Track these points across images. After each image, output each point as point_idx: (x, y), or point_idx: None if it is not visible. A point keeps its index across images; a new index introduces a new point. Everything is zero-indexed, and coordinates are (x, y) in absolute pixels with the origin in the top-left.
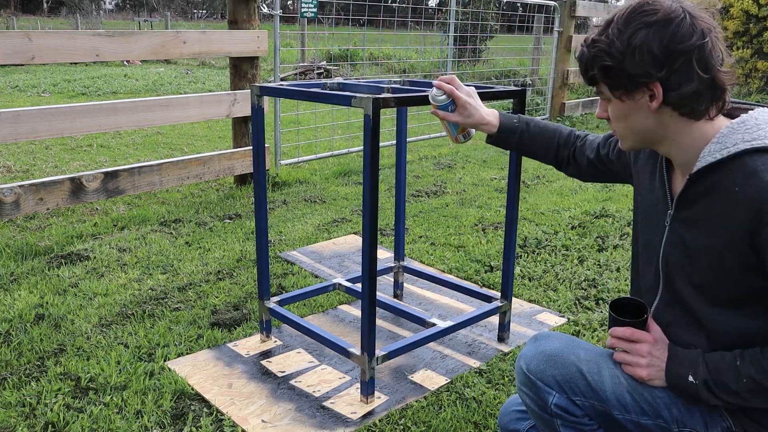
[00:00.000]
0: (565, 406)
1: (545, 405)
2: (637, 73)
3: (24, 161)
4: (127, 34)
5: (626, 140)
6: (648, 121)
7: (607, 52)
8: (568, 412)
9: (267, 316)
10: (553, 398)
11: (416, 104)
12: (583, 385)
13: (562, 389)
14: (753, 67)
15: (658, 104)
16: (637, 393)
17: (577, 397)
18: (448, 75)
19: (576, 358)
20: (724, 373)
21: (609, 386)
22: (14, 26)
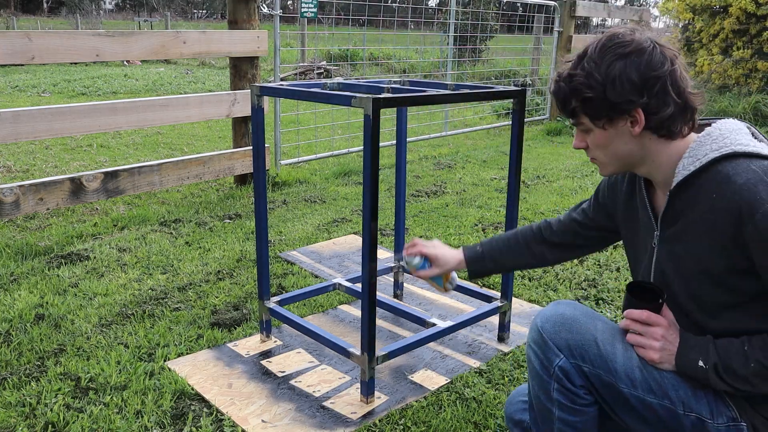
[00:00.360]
0: (568, 371)
1: (549, 365)
2: (619, 101)
3: (24, 161)
4: (127, 34)
5: (608, 166)
6: (629, 145)
7: (586, 84)
8: (569, 378)
9: (267, 316)
10: (560, 360)
11: (416, 104)
12: (594, 353)
13: (572, 354)
14: (753, 67)
15: (641, 129)
16: (646, 370)
17: (586, 365)
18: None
19: (593, 327)
20: (733, 358)
21: (620, 359)
22: (14, 26)
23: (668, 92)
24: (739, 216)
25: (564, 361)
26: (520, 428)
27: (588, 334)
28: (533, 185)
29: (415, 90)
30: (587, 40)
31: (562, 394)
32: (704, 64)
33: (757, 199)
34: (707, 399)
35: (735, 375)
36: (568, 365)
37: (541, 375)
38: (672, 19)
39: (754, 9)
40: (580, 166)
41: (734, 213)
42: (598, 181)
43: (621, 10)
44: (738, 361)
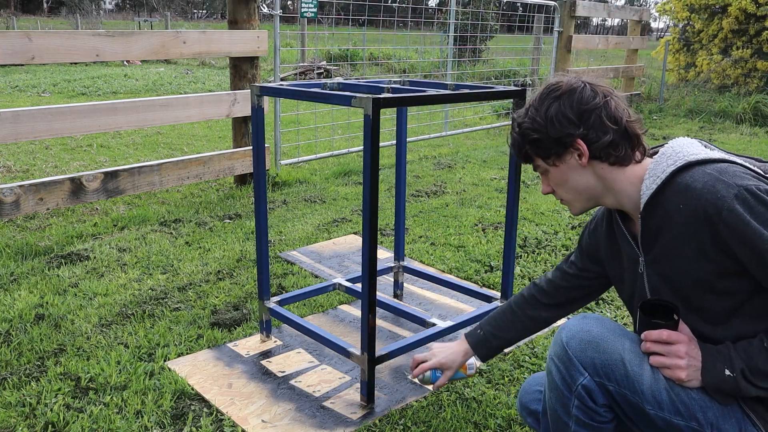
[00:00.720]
0: (592, 390)
1: (572, 383)
2: (560, 135)
3: (24, 161)
4: (127, 34)
5: (575, 204)
6: (584, 178)
7: (532, 128)
8: (592, 398)
9: (267, 316)
10: (584, 379)
11: (416, 104)
12: (621, 373)
13: (597, 373)
14: (753, 66)
15: (587, 159)
16: (674, 392)
17: (611, 384)
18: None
19: (621, 347)
20: (757, 358)
21: (647, 380)
22: (14, 26)
23: (603, 121)
24: (708, 219)
25: (588, 380)
26: (534, 418)
27: (616, 354)
28: (533, 185)
29: (415, 90)
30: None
31: (581, 411)
32: (703, 64)
33: (718, 198)
34: (735, 419)
35: (764, 375)
36: (592, 384)
37: (561, 390)
38: (671, 19)
39: (754, 9)
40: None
41: (702, 217)
42: None
43: (621, 10)
44: (762, 359)
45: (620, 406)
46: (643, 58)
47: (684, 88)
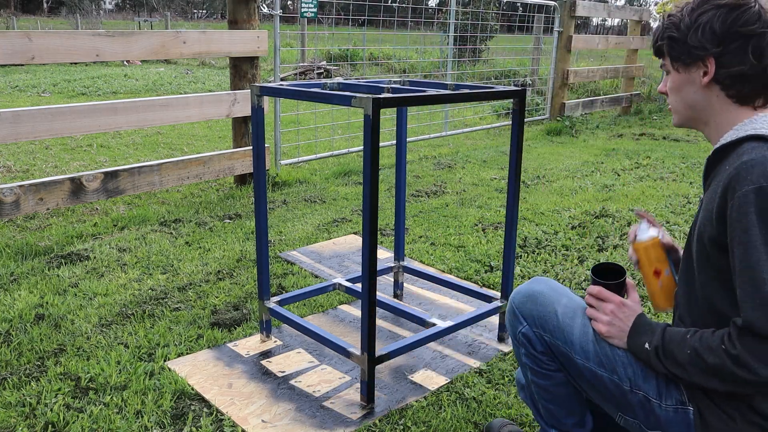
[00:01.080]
0: (530, 338)
1: (515, 332)
2: (696, 46)
3: (24, 161)
4: (127, 34)
5: (677, 114)
6: (697, 95)
7: (676, 25)
8: (531, 344)
9: (267, 316)
10: (523, 328)
11: (416, 104)
12: (553, 324)
13: (535, 324)
14: None
15: (709, 80)
16: (599, 345)
17: (546, 334)
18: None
19: (556, 302)
20: (674, 344)
21: (577, 332)
22: (14, 26)
23: (747, 51)
24: (727, 190)
25: (527, 329)
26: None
27: (550, 307)
28: (533, 185)
29: (415, 90)
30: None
31: (528, 359)
32: None
33: (745, 179)
34: (657, 381)
35: (673, 360)
36: (530, 332)
37: (513, 340)
38: None
39: None
40: (580, 166)
41: (726, 186)
42: (597, 181)
43: (621, 10)
44: (677, 347)
45: (556, 357)
46: (643, 58)
47: None
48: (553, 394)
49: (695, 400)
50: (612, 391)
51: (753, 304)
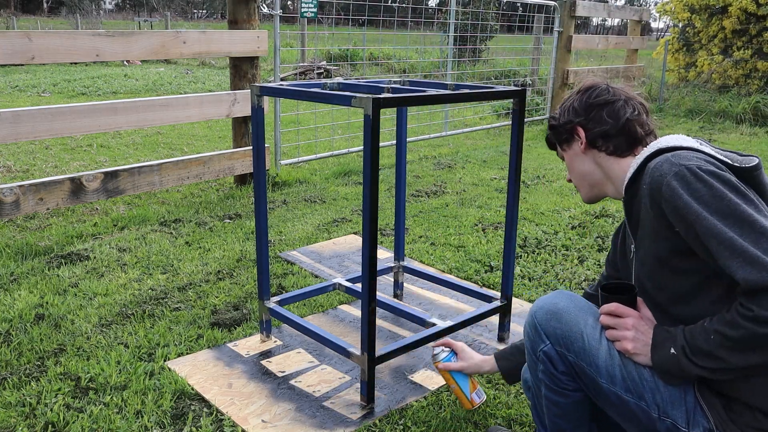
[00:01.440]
0: (552, 357)
1: (536, 350)
2: (565, 122)
3: (24, 161)
4: (127, 34)
5: (581, 190)
6: (585, 164)
7: (553, 117)
8: (552, 363)
9: (267, 316)
10: (545, 346)
11: (416, 104)
12: (579, 345)
13: (558, 343)
14: (753, 67)
15: (585, 144)
16: (626, 370)
17: (571, 354)
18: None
19: (583, 323)
20: (697, 337)
21: (603, 355)
22: (14, 26)
23: (602, 116)
24: (653, 195)
25: (549, 348)
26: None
27: (576, 327)
28: (533, 185)
29: (415, 90)
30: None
31: (546, 376)
32: (704, 64)
33: (661, 175)
34: (686, 407)
35: (701, 352)
36: (552, 352)
37: (531, 355)
38: (672, 19)
39: (755, 9)
40: None
41: (650, 194)
42: None
43: (621, 10)
44: (701, 337)
45: (579, 377)
46: (643, 59)
47: (684, 88)
48: (565, 411)
49: (722, 427)
50: (639, 417)
51: (739, 266)
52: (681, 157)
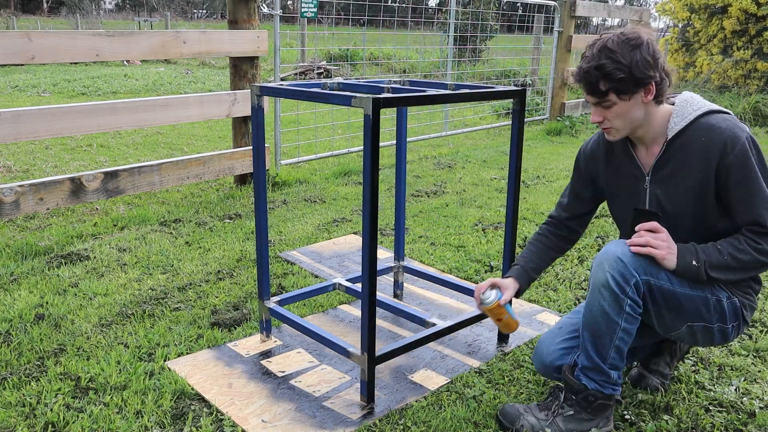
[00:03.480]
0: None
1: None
2: (642, 77)
3: (24, 161)
4: (127, 34)
5: (621, 131)
6: (640, 111)
7: (617, 68)
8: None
9: (267, 316)
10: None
11: (416, 104)
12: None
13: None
14: (753, 67)
15: (651, 97)
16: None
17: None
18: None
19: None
20: (713, 257)
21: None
22: (14, 26)
23: (665, 69)
24: (724, 149)
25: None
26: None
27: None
28: (533, 185)
29: (415, 90)
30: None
31: (632, 307)
32: (704, 64)
33: (737, 136)
34: (717, 286)
35: (715, 267)
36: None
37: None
38: (672, 20)
39: (755, 9)
40: None
41: (720, 147)
42: None
43: (621, 10)
44: (716, 258)
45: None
46: None
47: (684, 88)
48: (632, 335)
49: (734, 293)
50: (697, 304)
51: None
52: (740, 125)
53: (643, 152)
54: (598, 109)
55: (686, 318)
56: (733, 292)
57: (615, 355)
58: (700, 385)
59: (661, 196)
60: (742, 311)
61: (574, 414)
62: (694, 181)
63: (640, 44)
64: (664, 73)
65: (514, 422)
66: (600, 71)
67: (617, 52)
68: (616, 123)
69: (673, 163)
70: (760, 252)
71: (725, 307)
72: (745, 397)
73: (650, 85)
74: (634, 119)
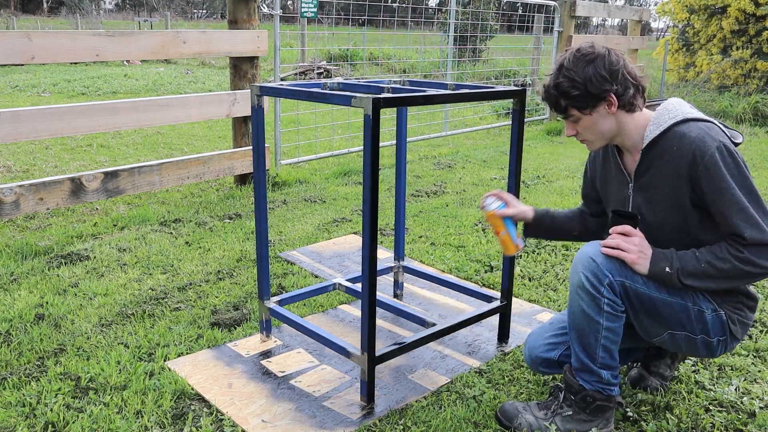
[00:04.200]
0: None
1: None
2: (598, 92)
3: (24, 161)
4: (127, 34)
5: (595, 143)
6: (608, 123)
7: (572, 86)
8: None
9: (267, 316)
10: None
11: (416, 104)
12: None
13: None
14: (752, 67)
15: (616, 108)
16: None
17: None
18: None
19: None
20: (689, 263)
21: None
22: (14, 26)
23: (627, 78)
24: (694, 158)
25: (611, 279)
26: (546, 365)
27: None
28: (533, 185)
29: (415, 90)
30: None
31: (610, 306)
32: (703, 64)
33: (706, 146)
34: (701, 297)
35: (691, 275)
36: (614, 282)
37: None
38: (671, 20)
39: (753, 9)
40: (580, 166)
41: (690, 157)
42: None
43: (621, 10)
44: (692, 265)
45: (630, 298)
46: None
47: (684, 88)
48: (617, 334)
49: (721, 306)
50: (677, 312)
51: (747, 226)
52: (715, 132)
53: (629, 159)
54: (568, 123)
55: (667, 325)
56: (720, 304)
57: (604, 354)
58: (700, 385)
59: (642, 204)
60: (729, 325)
61: (573, 414)
62: (670, 190)
63: (594, 59)
64: (629, 81)
65: (512, 420)
66: (557, 90)
67: (572, 70)
68: (588, 135)
69: (650, 172)
70: (741, 261)
71: (708, 318)
72: (745, 397)
73: (609, 96)
74: (604, 130)
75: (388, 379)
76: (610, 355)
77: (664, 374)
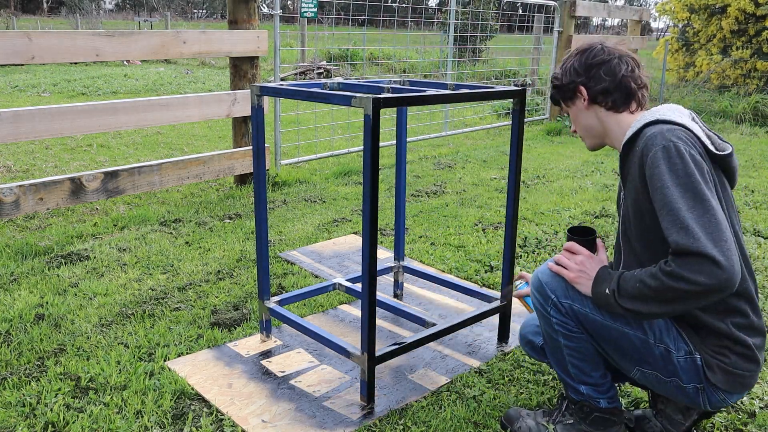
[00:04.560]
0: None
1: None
2: (568, 83)
3: (24, 161)
4: (127, 34)
5: (586, 140)
6: (588, 118)
7: (554, 77)
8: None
9: (267, 316)
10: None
11: (416, 104)
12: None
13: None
14: (752, 67)
15: (588, 102)
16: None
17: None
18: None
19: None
20: (626, 283)
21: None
22: (14, 26)
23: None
24: (641, 157)
25: (556, 299)
26: (531, 347)
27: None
28: (533, 185)
29: (415, 90)
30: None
31: (561, 326)
32: (703, 64)
33: (653, 143)
34: (672, 335)
35: (627, 296)
36: (558, 302)
37: (542, 313)
38: (671, 19)
39: (753, 9)
40: (580, 166)
41: (639, 155)
42: (597, 181)
43: (621, 10)
44: (628, 284)
45: (582, 324)
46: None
47: (684, 87)
48: (583, 353)
49: (698, 349)
50: (637, 346)
51: (675, 231)
52: (674, 133)
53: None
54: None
55: (632, 360)
56: (698, 346)
57: (575, 371)
58: None
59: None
60: (704, 372)
61: (574, 423)
62: (635, 193)
63: (579, 53)
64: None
65: (512, 423)
66: (552, 82)
67: (562, 63)
68: (578, 131)
69: (628, 175)
70: (669, 276)
71: (677, 361)
72: (745, 397)
73: (578, 89)
74: (587, 126)
75: (388, 379)
76: (582, 371)
77: (673, 417)
